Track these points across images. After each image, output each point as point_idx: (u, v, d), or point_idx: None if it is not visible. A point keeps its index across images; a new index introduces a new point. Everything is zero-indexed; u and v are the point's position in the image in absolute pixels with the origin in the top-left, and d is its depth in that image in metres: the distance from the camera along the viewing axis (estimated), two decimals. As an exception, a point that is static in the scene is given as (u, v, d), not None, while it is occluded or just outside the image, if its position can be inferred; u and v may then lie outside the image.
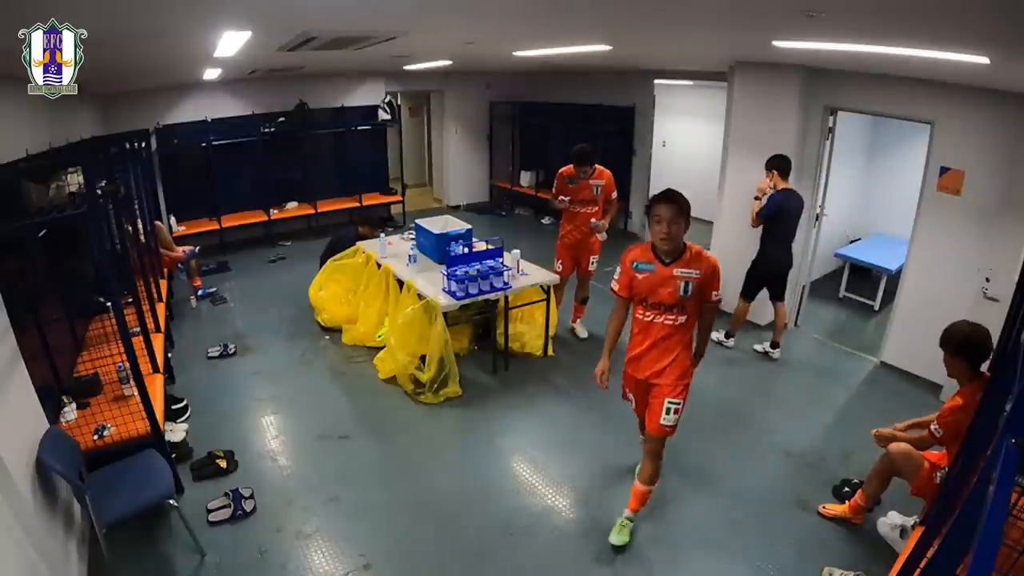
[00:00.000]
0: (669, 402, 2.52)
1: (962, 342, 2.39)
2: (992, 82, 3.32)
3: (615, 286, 2.57)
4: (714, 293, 2.48)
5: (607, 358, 2.66)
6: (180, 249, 5.61)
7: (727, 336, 4.67)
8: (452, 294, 3.88)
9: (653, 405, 2.57)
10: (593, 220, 4.37)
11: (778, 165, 4.17)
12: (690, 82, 7.20)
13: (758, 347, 4.59)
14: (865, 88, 4.12)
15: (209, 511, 2.87)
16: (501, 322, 4.28)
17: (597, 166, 4.29)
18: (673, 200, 2.33)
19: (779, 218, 4.14)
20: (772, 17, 2.66)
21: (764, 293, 4.45)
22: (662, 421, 2.53)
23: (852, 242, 5.94)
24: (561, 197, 4.32)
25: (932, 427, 2.45)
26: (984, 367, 2.42)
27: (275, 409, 3.84)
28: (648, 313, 2.49)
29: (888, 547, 2.68)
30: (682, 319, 2.46)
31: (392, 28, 3.34)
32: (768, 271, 4.32)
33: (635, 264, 2.48)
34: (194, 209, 6.93)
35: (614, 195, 4.42)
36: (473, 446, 3.52)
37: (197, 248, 5.78)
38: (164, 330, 4.00)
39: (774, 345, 4.50)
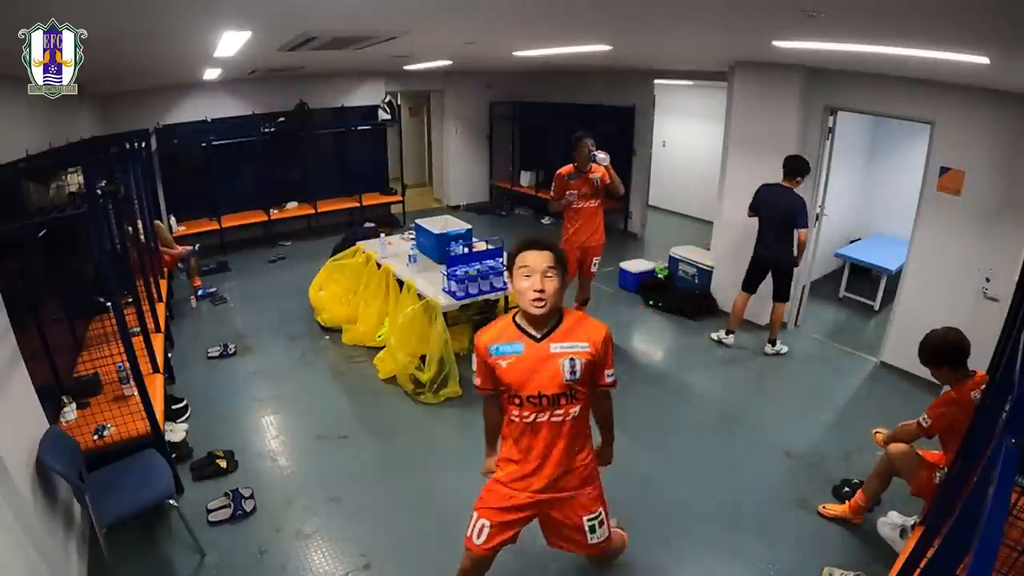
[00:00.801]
0: (588, 520, 1.91)
1: (935, 352, 2.42)
2: (992, 82, 3.32)
3: (476, 380, 1.90)
4: (607, 373, 1.84)
5: (493, 455, 2.05)
6: (180, 247, 5.62)
7: (727, 333, 4.68)
8: (452, 294, 3.88)
9: (565, 532, 1.95)
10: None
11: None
12: (690, 82, 7.21)
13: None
14: (865, 88, 4.12)
15: (209, 511, 2.87)
16: (501, 322, 4.27)
17: (593, 163, 4.30)
18: (546, 246, 1.75)
19: (760, 210, 4.33)
20: (772, 17, 2.66)
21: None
22: (591, 542, 1.94)
23: (852, 242, 5.94)
24: (569, 191, 4.31)
25: (921, 418, 2.46)
26: (983, 366, 2.42)
27: (275, 409, 3.85)
28: (527, 412, 1.79)
29: (888, 547, 2.68)
30: (575, 410, 1.80)
31: (392, 28, 3.35)
32: (755, 261, 4.47)
33: (494, 348, 1.79)
34: (194, 209, 6.94)
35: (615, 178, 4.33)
36: (473, 446, 3.49)
37: (198, 246, 5.78)
38: (164, 330, 4.00)
39: (770, 341, 4.56)
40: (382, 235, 4.94)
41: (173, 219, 6.76)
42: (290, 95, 7.20)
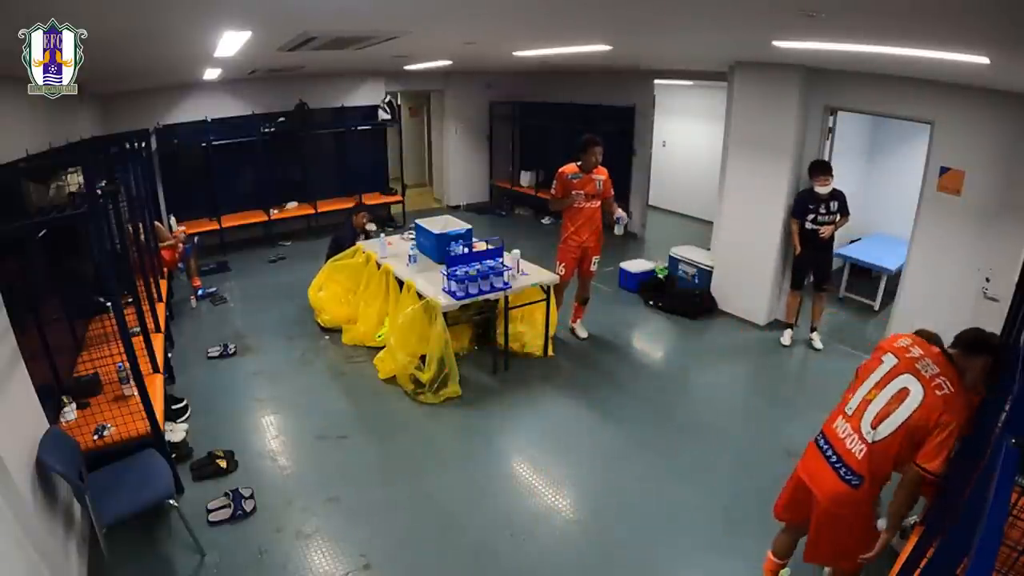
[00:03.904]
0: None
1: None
2: (992, 82, 3.32)
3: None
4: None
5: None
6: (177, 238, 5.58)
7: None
8: (452, 294, 3.88)
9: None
10: (617, 213, 4.44)
11: None
12: (690, 82, 7.21)
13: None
14: (865, 88, 4.12)
15: (209, 511, 2.87)
16: (501, 322, 4.28)
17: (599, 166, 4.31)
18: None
19: None
20: (772, 17, 2.66)
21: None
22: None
23: (852, 242, 5.93)
24: (575, 191, 4.31)
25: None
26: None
27: (275, 409, 3.84)
28: None
29: (888, 547, 2.67)
30: None
31: (392, 28, 3.35)
32: None
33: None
34: (194, 209, 6.92)
35: (611, 194, 4.43)
36: (473, 446, 3.52)
37: (196, 238, 5.75)
38: (164, 330, 4.00)
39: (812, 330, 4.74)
40: (382, 235, 4.94)
41: (173, 219, 6.74)
42: (290, 95, 7.20)
